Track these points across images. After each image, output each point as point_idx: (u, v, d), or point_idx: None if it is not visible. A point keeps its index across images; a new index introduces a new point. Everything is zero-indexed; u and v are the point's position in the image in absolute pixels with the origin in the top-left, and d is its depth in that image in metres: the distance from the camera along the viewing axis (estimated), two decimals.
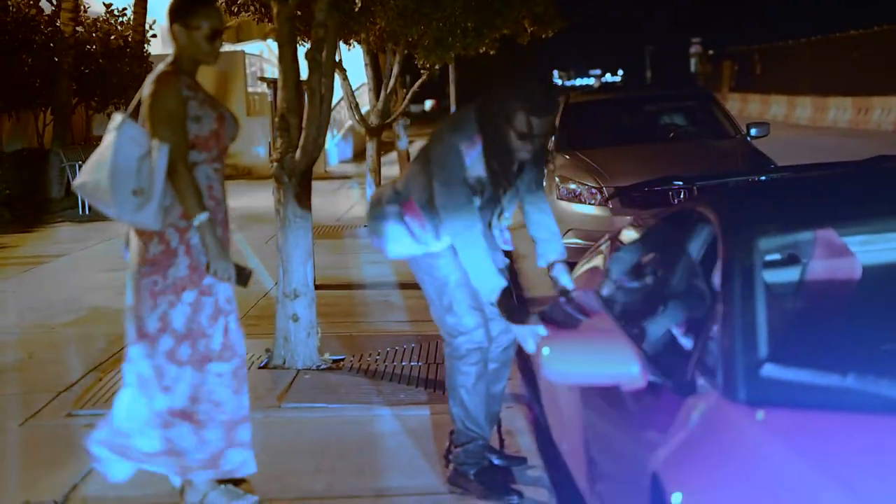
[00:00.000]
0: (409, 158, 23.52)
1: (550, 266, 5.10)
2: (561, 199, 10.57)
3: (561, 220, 10.46)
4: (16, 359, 7.80)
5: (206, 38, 4.61)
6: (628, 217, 9.17)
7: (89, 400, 6.65)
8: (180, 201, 4.44)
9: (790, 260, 4.36)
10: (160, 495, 5.12)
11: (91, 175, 4.50)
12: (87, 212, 17.82)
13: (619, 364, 3.45)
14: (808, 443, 2.84)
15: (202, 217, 4.44)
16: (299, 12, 8.25)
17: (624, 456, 3.71)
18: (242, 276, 4.61)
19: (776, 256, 4.34)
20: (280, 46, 7.11)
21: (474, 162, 4.73)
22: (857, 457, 2.75)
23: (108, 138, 4.48)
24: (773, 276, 4.21)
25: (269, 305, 8.62)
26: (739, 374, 3.12)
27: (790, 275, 4.37)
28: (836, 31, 45.66)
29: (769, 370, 3.10)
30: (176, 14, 4.65)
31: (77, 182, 4.61)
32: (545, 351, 3.59)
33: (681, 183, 7.20)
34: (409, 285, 10.17)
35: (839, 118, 36.62)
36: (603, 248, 5.91)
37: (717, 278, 3.75)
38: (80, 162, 17.84)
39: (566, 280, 5.00)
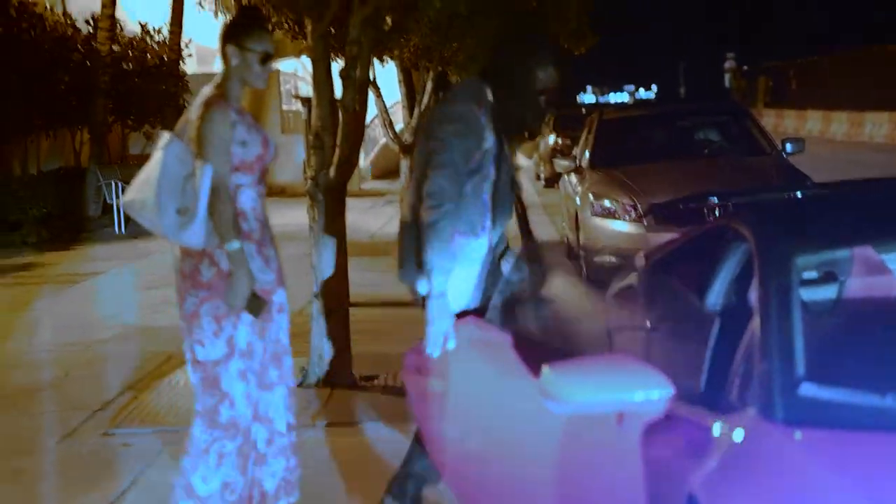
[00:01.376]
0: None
1: None
2: (595, 215, 10.54)
3: (595, 237, 10.53)
4: (53, 376, 7.84)
5: (259, 60, 4.65)
6: (663, 234, 9.14)
7: (125, 418, 6.68)
8: (215, 226, 4.45)
9: (827, 277, 4.33)
10: None
11: (138, 193, 4.53)
12: (123, 230, 17.94)
13: (647, 387, 3.38)
14: (847, 463, 2.80)
15: (235, 245, 4.45)
16: (333, 30, 8.26)
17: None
18: (255, 305, 4.57)
19: (813, 274, 4.31)
20: (314, 64, 7.14)
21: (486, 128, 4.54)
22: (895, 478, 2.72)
23: (156, 156, 4.51)
24: (810, 294, 4.18)
25: (305, 322, 8.63)
26: (777, 394, 3.08)
27: (827, 292, 4.34)
28: (871, 45, 45.39)
29: (807, 389, 3.06)
30: (230, 35, 4.70)
31: (125, 199, 4.63)
32: (546, 374, 3.44)
33: (716, 199, 7.14)
34: None
35: (875, 133, 36.37)
36: (638, 265, 5.89)
37: (753, 296, 3.72)
38: (117, 180, 18.00)
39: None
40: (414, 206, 4.46)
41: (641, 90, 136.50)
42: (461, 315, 4.41)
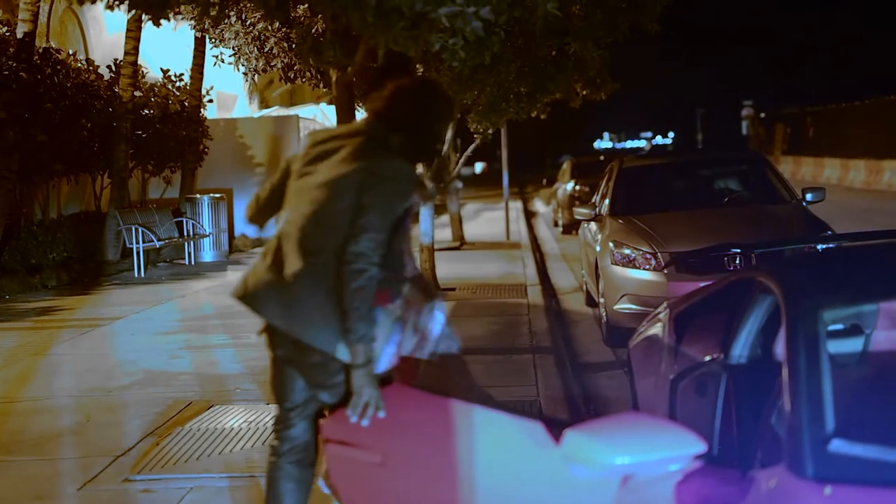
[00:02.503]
0: (460, 221, 23.67)
1: None
2: (615, 263, 10.54)
3: (615, 286, 10.53)
4: (74, 422, 7.85)
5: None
6: (684, 283, 9.13)
7: (146, 465, 6.67)
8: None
9: (853, 331, 4.33)
10: None
11: None
12: (143, 274, 18.01)
13: (681, 446, 3.36)
14: None
15: None
16: (355, 78, 8.33)
17: None
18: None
19: (839, 327, 4.31)
20: (338, 112, 7.20)
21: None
22: None
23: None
24: (835, 347, 4.17)
25: None
26: (807, 449, 3.07)
27: (853, 346, 4.34)
28: (889, 93, 45.43)
29: (837, 445, 3.06)
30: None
31: None
32: (573, 438, 3.36)
33: (738, 250, 7.19)
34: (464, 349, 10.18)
35: (894, 181, 36.33)
36: (661, 315, 5.88)
37: (779, 348, 3.72)
38: (136, 225, 18.10)
39: None
40: (320, 260, 4.19)
41: (659, 137, 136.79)
42: (384, 380, 4.19)
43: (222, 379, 9.21)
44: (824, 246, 5.71)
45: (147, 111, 20.59)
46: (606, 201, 12.08)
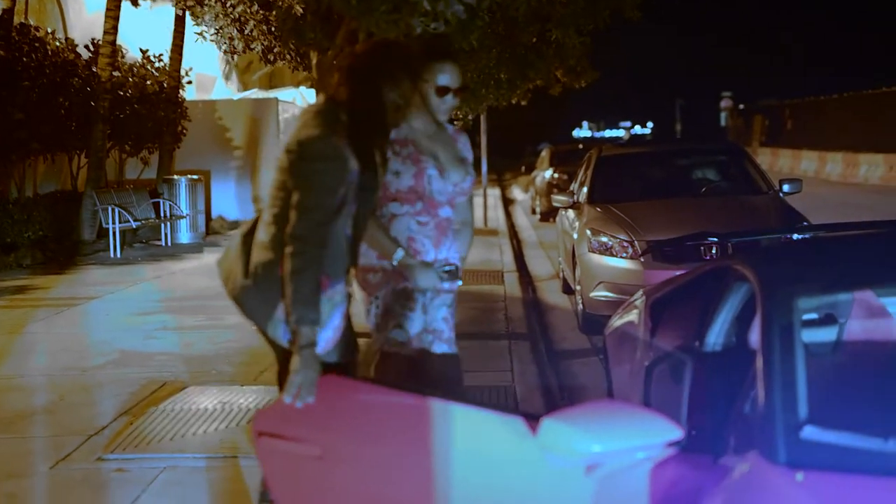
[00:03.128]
0: None
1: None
2: (592, 251, 10.56)
3: (592, 273, 10.55)
4: (47, 401, 7.82)
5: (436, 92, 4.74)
6: (660, 271, 9.16)
7: (120, 444, 6.65)
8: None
9: (828, 320, 4.34)
10: None
11: None
12: (118, 255, 17.94)
13: (655, 432, 3.37)
14: None
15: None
16: (335, 62, 8.30)
17: None
18: None
19: (814, 316, 4.32)
20: (317, 95, 7.17)
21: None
22: None
23: None
24: (810, 336, 4.19)
25: None
26: (779, 436, 3.09)
27: (828, 335, 4.36)
28: (867, 87, 45.67)
29: (809, 432, 3.07)
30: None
31: None
32: (549, 426, 3.32)
33: (715, 239, 7.23)
34: None
35: (871, 175, 36.53)
36: (637, 303, 5.90)
37: (754, 337, 3.73)
38: (113, 205, 18.02)
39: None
40: (271, 246, 4.14)
41: (637, 127, 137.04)
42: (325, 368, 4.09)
43: (198, 360, 9.19)
44: (800, 236, 5.74)
45: (125, 91, 20.49)
46: (584, 189, 12.10)
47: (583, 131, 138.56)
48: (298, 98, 27.50)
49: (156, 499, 5.72)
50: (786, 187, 11.41)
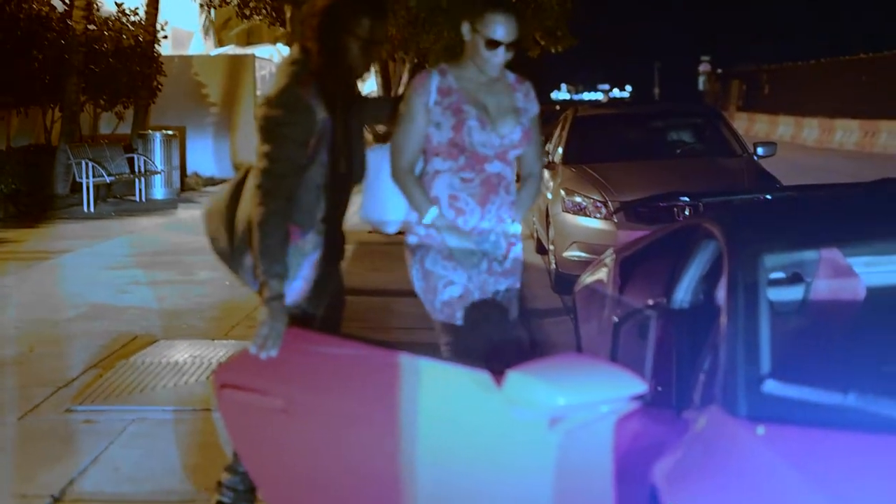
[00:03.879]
0: None
1: None
2: (566, 211, 10.56)
3: (565, 233, 10.56)
4: (16, 353, 7.80)
5: (486, 45, 4.49)
6: (633, 231, 9.18)
7: (88, 396, 6.65)
8: None
9: (795, 279, 4.37)
10: (157, 492, 5.12)
11: None
12: (92, 209, 17.85)
13: (620, 386, 3.39)
14: (808, 460, 2.84)
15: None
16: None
17: None
18: None
19: (781, 275, 4.35)
20: (291, 49, 7.13)
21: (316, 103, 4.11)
22: (856, 475, 2.75)
23: None
24: (777, 295, 4.22)
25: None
26: (741, 389, 3.11)
27: (794, 293, 4.39)
28: (844, 54, 45.78)
29: (771, 386, 3.10)
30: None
31: None
32: (515, 378, 3.32)
33: (687, 199, 7.20)
34: (408, 293, 10.18)
35: (846, 140, 36.65)
36: (607, 261, 5.92)
37: (721, 294, 3.75)
38: (87, 159, 17.91)
39: None
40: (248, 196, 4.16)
41: (616, 90, 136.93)
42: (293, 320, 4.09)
43: (169, 314, 9.18)
44: (770, 196, 5.76)
45: (100, 45, 20.31)
46: (559, 149, 12.08)
47: (561, 94, 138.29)
48: (276, 55, 27.33)
49: (124, 450, 5.72)
50: (760, 150, 11.44)
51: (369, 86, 16.99)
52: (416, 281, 4.69)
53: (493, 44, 4.47)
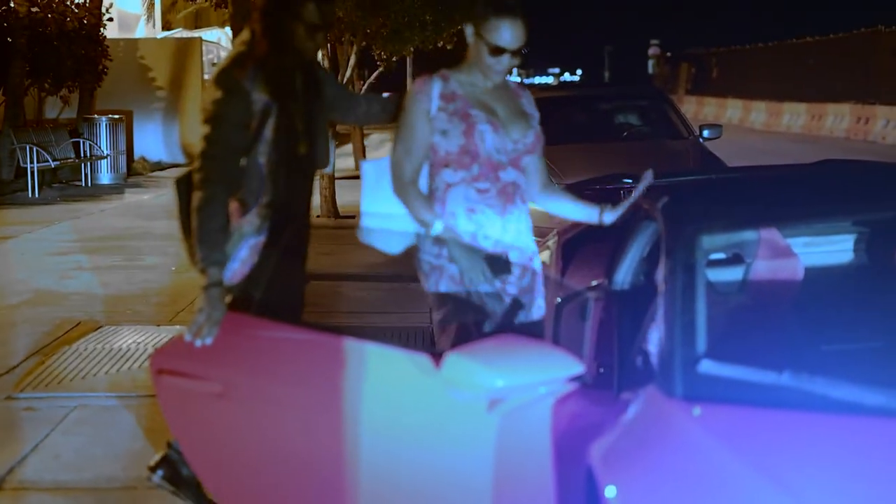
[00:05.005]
0: (364, 150, 23.56)
1: None
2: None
3: None
4: None
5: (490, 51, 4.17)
6: None
7: (30, 383, 6.58)
8: None
9: (734, 259, 4.40)
10: (99, 479, 5.08)
11: None
12: (37, 195, 17.65)
13: (558, 367, 3.40)
14: (744, 439, 2.85)
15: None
16: None
17: None
18: None
19: (720, 255, 4.37)
20: (234, 32, 7.08)
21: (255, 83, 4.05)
22: (791, 454, 2.77)
23: None
24: (716, 275, 4.24)
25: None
26: (677, 370, 3.12)
27: (734, 274, 4.41)
28: (792, 37, 46.12)
29: (707, 366, 3.11)
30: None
31: None
32: (454, 361, 3.32)
33: (631, 181, 7.22)
34: (359, 277, 10.17)
35: (793, 123, 36.94)
36: (549, 243, 5.92)
37: (660, 275, 3.76)
38: (31, 144, 17.69)
39: None
40: None
41: (567, 74, 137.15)
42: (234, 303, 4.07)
43: (114, 300, 9.10)
44: (711, 178, 5.78)
45: (44, 28, 20.06)
46: None
47: (512, 77, 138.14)
48: (223, 38, 27.16)
49: (66, 437, 5.67)
50: (706, 133, 11.51)
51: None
52: (436, 309, 4.34)
53: (497, 51, 4.15)
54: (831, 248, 4.62)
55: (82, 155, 20.03)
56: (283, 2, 4.12)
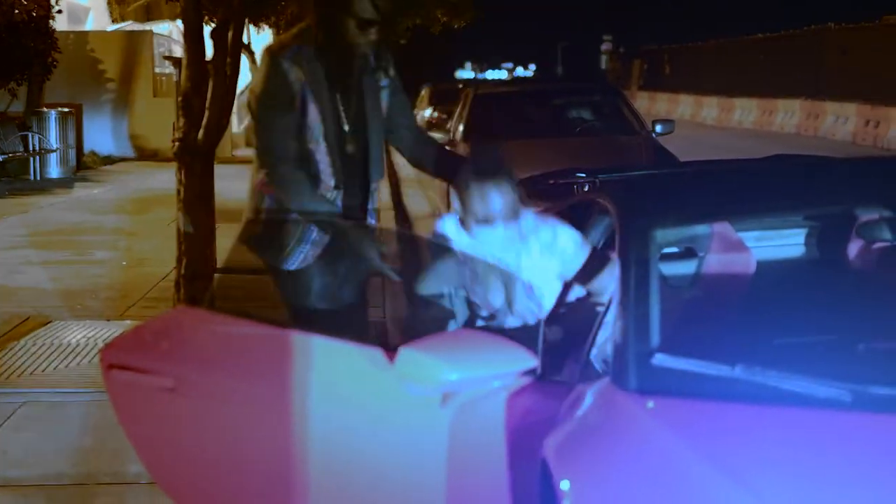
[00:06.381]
0: None
1: None
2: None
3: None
4: None
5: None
6: (531, 207, 9.20)
7: None
8: None
9: (687, 253, 4.41)
10: (47, 476, 5.03)
11: None
12: None
13: (511, 361, 3.39)
14: (697, 432, 2.86)
15: None
16: None
17: None
18: None
19: (673, 249, 4.39)
20: (185, 23, 7.01)
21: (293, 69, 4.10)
22: (744, 447, 2.78)
23: None
24: (670, 269, 4.25)
25: (168, 288, 8.52)
26: (631, 363, 3.13)
27: (687, 267, 4.43)
28: (743, 33, 46.47)
29: (660, 360, 3.11)
30: None
31: None
32: (407, 355, 3.29)
33: (583, 175, 7.26)
34: None
35: (744, 119, 37.20)
36: None
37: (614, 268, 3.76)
38: None
39: None
40: None
41: (520, 69, 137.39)
42: None
43: (64, 295, 9.00)
44: (664, 172, 5.81)
45: None
46: (460, 127, 12.09)
47: (466, 72, 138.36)
48: (174, 31, 26.93)
49: (13, 434, 5.60)
50: (658, 128, 11.56)
51: None
52: None
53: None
54: (783, 242, 4.65)
55: (31, 149, 19.79)
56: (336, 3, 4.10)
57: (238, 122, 25.77)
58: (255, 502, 3.82)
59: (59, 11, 21.81)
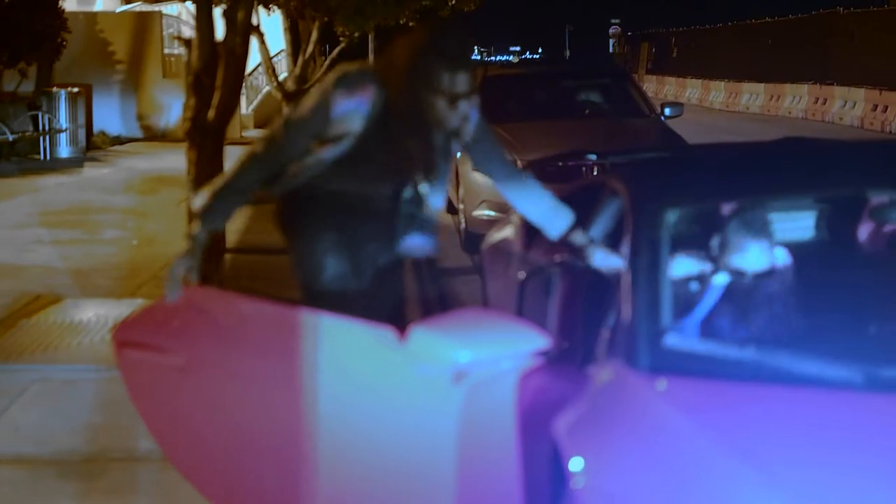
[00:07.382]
0: None
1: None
2: (474, 170, 10.56)
3: (474, 192, 10.58)
4: None
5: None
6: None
7: None
8: None
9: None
10: (59, 453, 5.06)
11: None
12: None
13: (523, 341, 3.40)
14: (707, 412, 2.89)
15: None
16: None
17: None
18: None
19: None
20: (196, 4, 7.03)
21: (349, 114, 3.77)
22: (753, 426, 2.80)
23: None
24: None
25: None
26: (642, 343, 3.15)
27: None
28: (750, 18, 46.34)
29: (671, 340, 3.14)
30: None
31: None
32: (420, 334, 3.30)
33: (594, 157, 7.28)
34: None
35: (752, 103, 37.11)
36: (514, 218, 5.94)
37: (625, 250, 3.78)
38: None
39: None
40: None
41: (528, 52, 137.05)
42: None
43: (75, 273, 9.03)
44: (675, 155, 5.82)
45: (1, 1, 19.81)
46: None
47: (474, 56, 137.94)
48: (184, 12, 26.91)
49: (25, 410, 5.63)
50: (667, 111, 11.56)
51: (278, 44, 16.77)
52: None
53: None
54: (793, 224, 4.65)
55: (41, 128, 19.81)
56: (421, 76, 3.72)
57: (246, 105, 25.78)
58: (265, 479, 3.84)
59: None
